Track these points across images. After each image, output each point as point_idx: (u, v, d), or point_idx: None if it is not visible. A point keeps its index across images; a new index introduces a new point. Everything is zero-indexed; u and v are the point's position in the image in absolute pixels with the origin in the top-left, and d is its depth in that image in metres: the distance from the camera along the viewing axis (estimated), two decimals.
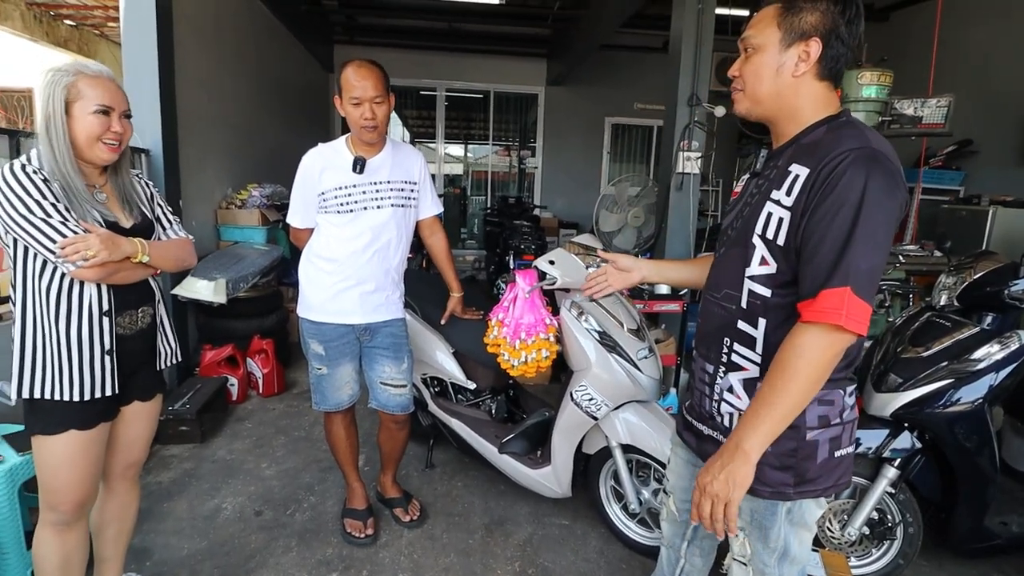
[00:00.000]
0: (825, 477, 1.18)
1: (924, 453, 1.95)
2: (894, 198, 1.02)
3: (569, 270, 2.03)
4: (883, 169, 1.01)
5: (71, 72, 1.40)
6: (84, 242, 1.34)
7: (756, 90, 1.16)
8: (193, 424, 2.94)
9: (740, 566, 1.33)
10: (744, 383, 1.20)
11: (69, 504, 1.49)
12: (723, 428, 1.27)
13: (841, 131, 1.08)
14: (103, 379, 1.46)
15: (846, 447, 1.19)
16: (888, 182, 1.01)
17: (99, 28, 8.70)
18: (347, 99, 1.92)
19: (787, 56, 1.10)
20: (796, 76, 1.11)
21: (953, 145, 4.94)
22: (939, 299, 2.07)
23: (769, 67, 1.12)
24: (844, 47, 1.09)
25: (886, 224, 1.02)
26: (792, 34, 1.09)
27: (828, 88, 1.13)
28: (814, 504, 1.24)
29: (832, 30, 1.07)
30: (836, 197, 1.01)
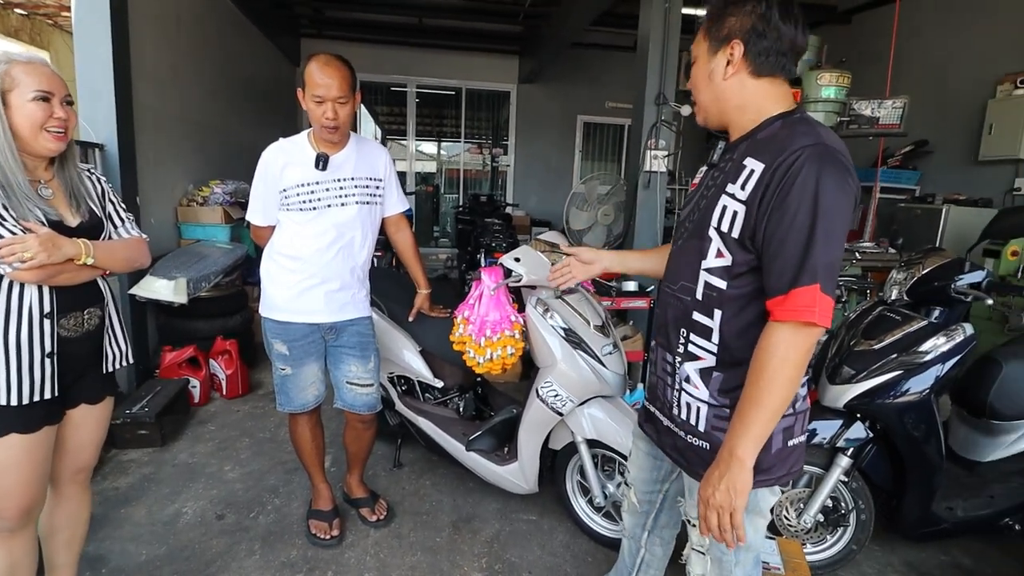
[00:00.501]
0: (779, 466, 1.22)
1: (876, 443, 2.02)
2: (847, 193, 1.06)
3: (535, 267, 2.03)
4: (836, 166, 1.05)
5: (3, 61, 1.35)
6: (21, 243, 1.30)
7: (700, 99, 1.24)
8: (152, 427, 2.86)
9: (698, 555, 1.38)
10: (701, 372, 1.23)
11: (14, 510, 1.44)
12: (680, 422, 1.29)
13: (795, 127, 1.11)
14: (43, 382, 1.42)
15: (799, 436, 1.23)
16: (841, 178, 1.05)
17: (52, 18, 8.36)
18: (310, 95, 1.87)
19: (716, 62, 1.17)
20: (727, 79, 1.16)
21: (910, 145, 5.10)
22: (890, 294, 2.14)
23: (703, 75, 1.20)
24: (769, 42, 1.12)
25: (842, 219, 1.05)
26: (716, 41, 1.16)
27: (773, 84, 1.17)
28: (768, 492, 1.29)
29: (751, 29, 1.12)
30: (794, 195, 1.04)
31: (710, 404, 1.23)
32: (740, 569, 1.34)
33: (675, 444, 1.33)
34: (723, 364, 1.20)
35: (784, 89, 1.18)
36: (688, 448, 1.29)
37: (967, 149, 4.84)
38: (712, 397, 1.22)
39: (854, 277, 2.85)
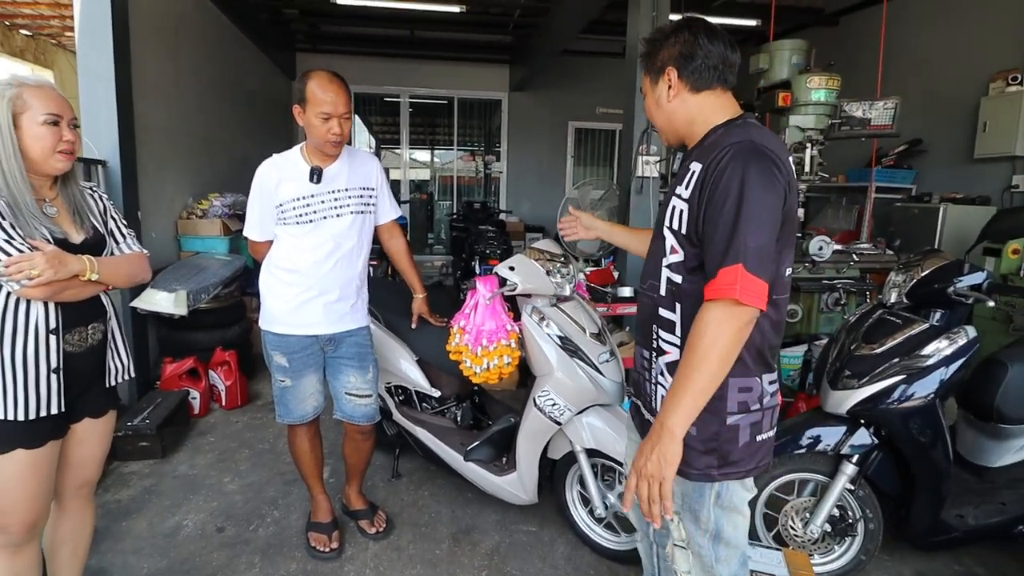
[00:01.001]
0: (747, 460, 1.27)
1: (881, 449, 1.99)
2: (772, 183, 1.13)
3: (529, 276, 2.03)
4: (760, 158, 1.14)
5: (13, 85, 1.38)
6: (29, 261, 1.31)
7: (656, 124, 1.39)
8: (153, 439, 2.86)
9: (681, 551, 1.42)
10: (668, 366, 1.29)
11: (19, 525, 1.44)
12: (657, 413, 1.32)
13: (731, 130, 1.22)
14: (49, 397, 1.43)
15: (767, 431, 1.29)
16: (765, 168, 1.13)
17: (56, 38, 8.44)
18: (314, 112, 1.88)
19: (659, 89, 1.32)
20: (671, 100, 1.30)
21: (904, 145, 5.11)
22: (890, 296, 2.12)
23: (652, 103, 1.36)
24: (698, 61, 1.25)
25: (766, 206, 1.12)
26: (654, 72, 1.32)
27: (713, 95, 1.28)
28: (741, 488, 1.32)
29: (679, 54, 1.26)
30: (722, 187, 1.14)
31: None
32: (724, 567, 1.37)
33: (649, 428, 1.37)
34: None
35: (726, 99, 1.29)
36: None
37: (962, 147, 4.84)
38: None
39: (852, 279, 2.85)
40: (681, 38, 1.26)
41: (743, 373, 1.22)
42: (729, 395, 1.23)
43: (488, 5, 6.28)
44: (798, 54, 2.98)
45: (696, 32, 1.25)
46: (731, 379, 1.21)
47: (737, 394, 1.23)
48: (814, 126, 2.82)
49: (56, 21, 7.45)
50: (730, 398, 1.24)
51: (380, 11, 6.41)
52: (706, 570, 1.38)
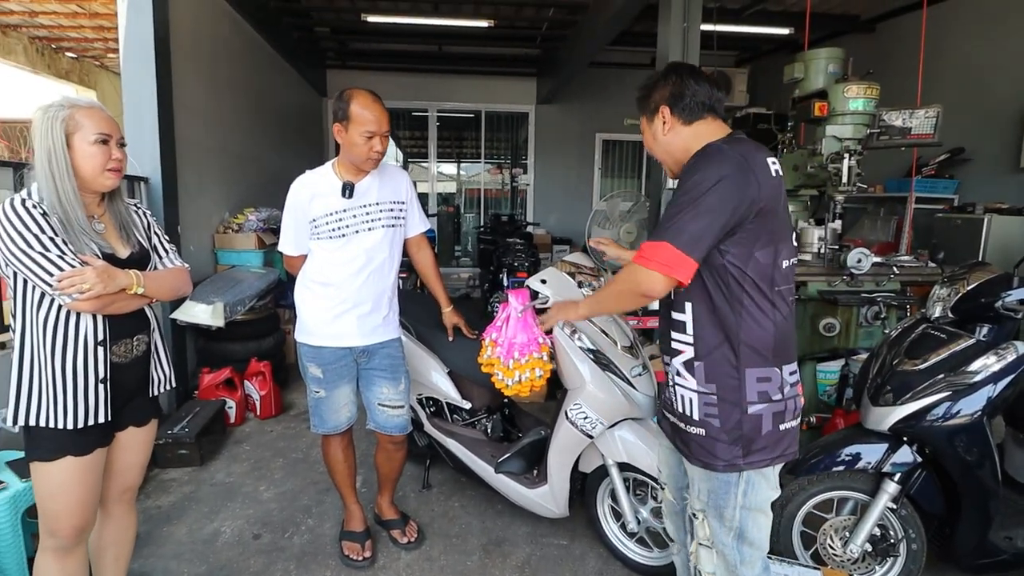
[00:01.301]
0: (772, 447, 1.34)
1: (925, 467, 1.93)
2: (710, 177, 1.25)
3: (561, 289, 2.04)
4: (712, 157, 1.28)
5: (66, 106, 1.43)
6: (80, 275, 1.36)
7: (656, 155, 1.53)
8: (192, 447, 2.94)
9: (706, 549, 1.48)
10: (684, 364, 1.39)
11: (68, 529, 1.50)
12: (679, 414, 1.44)
13: (711, 144, 1.34)
14: (96, 407, 1.48)
15: (791, 421, 1.37)
16: (713, 165, 1.26)
17: (99, 59, 8.83)
18: (359, 131, 1.93)
19: (654, 126, 1.46)
20: (667, 134, 1.44)
21: (945, 154, 4.96)
22: (934, 311, 2.06)
23: (650, 138, 1.50)
24: (687, 99, 1.39)
25: (708, 196, 1.24)
26: (649, 112, 1.47)
27: (705, 124, 1.41)
28: (766, 486, 1.39)
29: (670, 95, 1.41)
30: (682, 181, 1.31)
31: (699, 392, 1.37)
32: (748, 569, 1.42)
33: (679, 436, 1.47)
34: (700, 353, 1.36)
35: (716, 125, 1.42)
36: (688, 437, 1.42)
37: (1007, 156, 4.68)
38: (700, 386, 1.36)
39: (893, 292, 2.77)
40: (670, 80, 1.42)
41: (761, 364, 1.31)
42: (748, 385, 1.31)
43: (516, 19, 6.34)
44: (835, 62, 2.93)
45: (682, 74, 1.42)
46: (748, 369, 1.31)
47: (756, 384, 1.31)
48: (852, 136, 2.76)
49: (99, 43, 7.80)
50: (749, 388, 1.31)
51: (408, 27, 6.53)
52: (730, 571, 1.43)
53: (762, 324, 1.30)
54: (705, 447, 1.37)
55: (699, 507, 1.46)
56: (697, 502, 1.46)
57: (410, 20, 6.13)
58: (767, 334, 1.30)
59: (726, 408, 1.32)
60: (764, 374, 1.31)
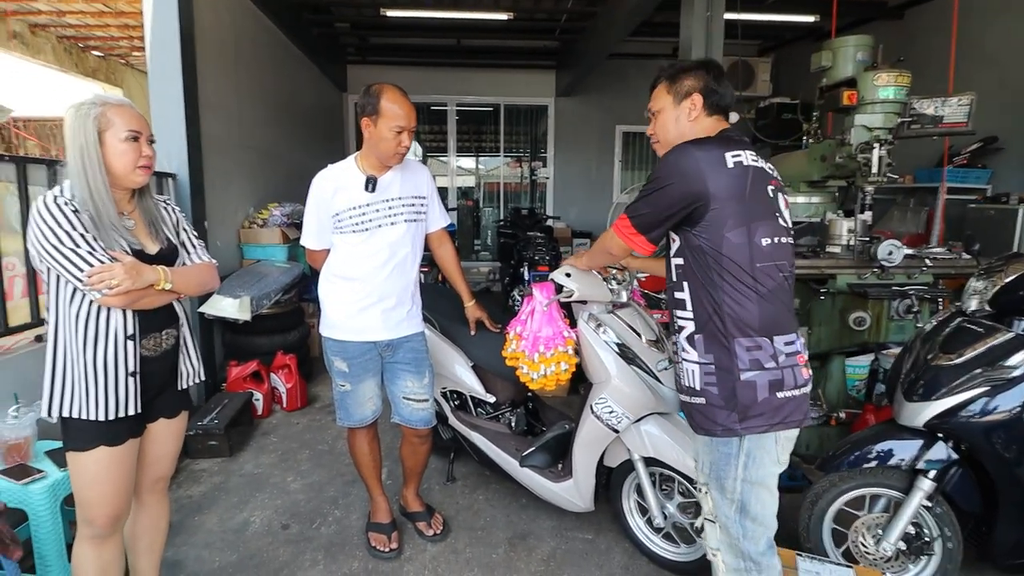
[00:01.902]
0: (770, 414, 1.41)
1: (961, 464, 1.89)
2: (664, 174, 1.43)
3: (586, 283, 2.03)
4: (671, 155, 1.44)
5: (97, 103, 1.45)
6: (109, 271, 1.39)
7: (666, 137, 1.60)
8: (221, 439, 2.99)
9: (710, 524, 1.56)
10: (687, 338, 1.49)
11: (104, 518, 1.53)
12: (686, 388, 1.52)
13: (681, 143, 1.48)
14: (127, 399, 1.51)
15: (791, 389, 1.42)
16: (666, 162, 1.44)
17: (124, 58, 8.99)
18: (388, 126, 1.93)
19: (680, 110, 1.57)
20: (692, 120, 1.56)
21: (977, 143, 4.82)
22: (970, 304, 2.00)
23: (670, 120, 1.59)
24: (719, 95, 1.54)
25: (657, 190, 1.44)
26: (679, 96, 1.56)
27: (715, 121, 1.56)
28: (767, 459, 1.44)
29: (705, 86, 1.53)
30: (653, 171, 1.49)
31: (700, 363, 1.47)
32: (751, 544, 1.47)
33: (687, 409, 1.54)
34: (699, 326, 1.47)
35: (721, 123, 1.56)
36: (692, 408, 1.51)
37: None
38: (701, 357, 1.46)
39: (925, 285, 2.70)
40: (710, 73, 1.55)
41: (748, 334, 1.41)
42: (738, 354, 1.41)
43: (534, 11, 6.30)
44: (863, 50, 2.85)
45: (720, 73, 1.57)
46: (735, 339, 1.41)
47: (746, 353, 1.40)
48: (882, 125, 2.69)
49: (125, 42, 7.94)
50: (740, 357, 1.41)
51: (428, 21, 6.54)
52: (733, 544, 1.49)
53: (744, 298, 1.40)
54: (706, 415, 1.46)
55: (703, 480, 1.55)
56: (701, 475, 1.56)
57: (430, 14, 6.14)
58: (750, 307, 1.40)
59: (722, 376, 1.43)
60: (753, 344, 1.41)
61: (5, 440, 1.93)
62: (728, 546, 1.51)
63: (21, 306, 2.36)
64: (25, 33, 7.23)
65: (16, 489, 1.83)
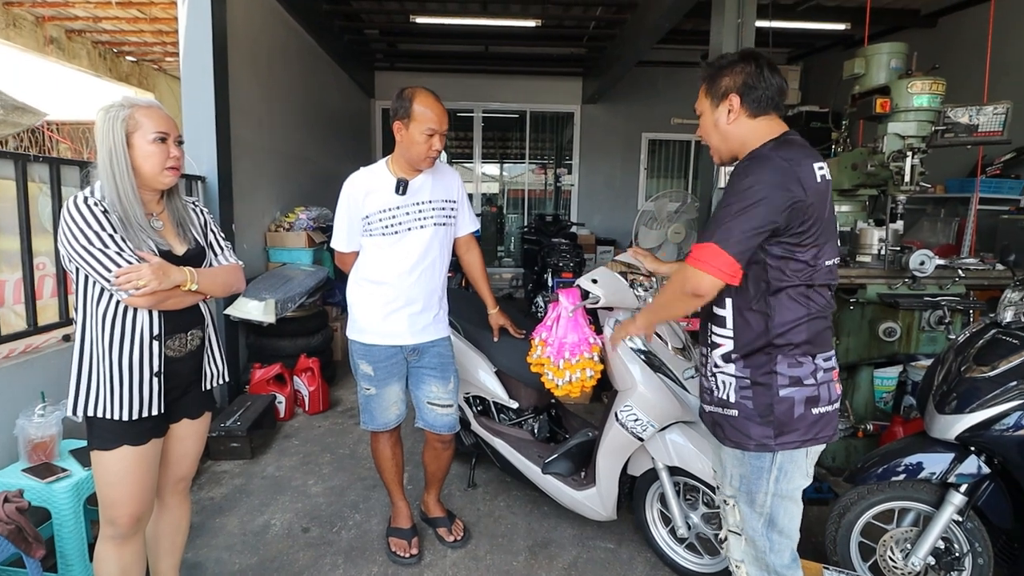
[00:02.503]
0: (804, 430, 1.39)
1: (993, 479, 1.84)
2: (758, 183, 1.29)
3: (612, 289, 2.02)
4: (758, 164, 1.33)
5: (126, 106, 1.47)
6: (137, 272, 1.41)
7: (710, 142, 1.52)
8: (243, 441, 3.03)
9: (735, 537, 1.53)
10: (723, 356, 1.45)
11: (126, 517, 1.54)
12: (718, 400, 1.48)
13: (764, 146, 1.37)
14: (151, 399, 1.52)
15: (825, 405, 1.41)
16: (757, 171, 1.31)
17: (157, 63, 9.23)
18: (419, 129, 1.95)
19: (719, 113, 1.46)
20: (730, 123, 1.44)
21: (1011, 152, 4.71)
22: (1005, 315, 1.96)
23: (710, 124, 1.49)
24: (759, 91, 1.40)
25: (754, 202, 1.29)
26: (716, 97, 1.45)
27: (767, 120, 1.43)
28: (797, 472, 1.42)
29: (743, 83, 1.40)
30: (730, 185, 1.35)
31: (736, 376, 1.43)
32: (776, 557, 1.45)
33: (713, 420, 1.52)
34: (739, 345, 1.42)
35: (776, 122, 1.43)
36: (723, 419, 1.48)
37: None
38: (738, 371, 1.43)
39: (957, 296, 2.64)
40: (747, 69, 1.40)
41: (794, 353, 1.37)
42: (780, 371, 1.37)
43: (563, 18, 6.32)
44: (897, 57, 2.80)
45: (760, 64, 1.40)
46: (780, 357, 1.37)
47: (788, 370, 1.37)
48: (916, 133, 2.64)
49: (158, 48, 8.15)
50: (780, 373, 1.37)
51: (456, 28, 6.60)
52: (759, 558, 1.47)
53: (796, 318, 1.36)
54: (738, 427, 1.43)
55: (730, 493, 1.51)
56: (728, 487, 1.51)
57: (458, 21, 6.19)
58: (800, 327, 1.37)
59: (759, 390, 1.39)
60: (797, 362, 1.37)
61: (31, 438, 1.95)
62: (753, 559, 1.49)
63: (50, 305, 2.41)
64: (62, 38, 7.46)
65: (40, 487, 1.85)
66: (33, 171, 2.29)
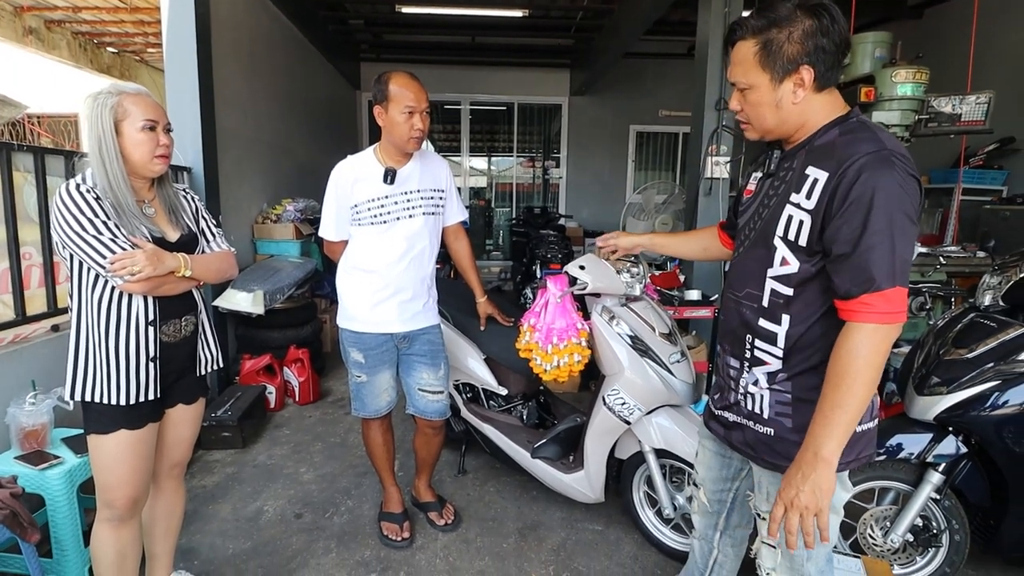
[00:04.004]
0: (847, 451, 1.19)
1: (970, 458, 1.90)
2: (911, 195, 1.07)
3: (600, 275, 2.04)
4: (899, 170, 1.07)
5: (114, 93, 1.47)
6: (131, 258, 1.42)
7: (762, 124, 1.22)
8: (234, 430, 3.03)
9: (769, 549, 1.38)
10: (768, 376, 1.27)
11: (123, 500, 1.56)
12: (747, 412, 1.33)
13: (855, 135, 1.12)
14: (147, 384, 1.54)
15: (867, 423, 1.24)
16: (904, 181, 1.06)
17: (139, 54, 9.10)
18: (398, 109, 1.95)
19: (783, 90, 1.15)
20: (796, 103, 1.15)
21: (994, 143, 4.79)
22: (983, 299, 2.01)
23: (768, 105, 1.18)
24: (832, 56, 1.12)
25: (909, 220, 1.07)
26: (780, 71, 1.13)
27: (830, 94, 1.17)
28: (839, 487, 1.26)
29: (816, 49, 1.10)
30: (863, 201, 1.06)
31: (772, 390, 1.27)
32: (813, 565, 1.34)
33: (744, 438, 1.36)
34: (790, 367, 1.24)
35: (836, 95, 1.18)
36: (756, 438, 1.32)
37: None
38: (777, 384, 1.26)
39: (939, 283, 2.70)
40: (822, 25, 1.09)
41: None
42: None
43: (550, 8, 6.31)
44: (882, 47, 2.85)
45: (834, 16, 1.09)
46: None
47: None
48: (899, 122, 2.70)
49: (140, 38, 8.04)
50: None
51: (443, 18, 6.56)
52: (795, 569, 1.37)
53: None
54: (775, 448, 1.27)
55: (766, 509, 1.36)
56: (764, 504, 1.37)
57: (445, 10, 6.15)
58: None
59: (801, 408, 1.22)
60: None
61: (23, 426, 1.95)
62: (788, 569, 1.37)
63: (38, 295, 2.39)
64: (41, 29, 7.33)
65: (34, 475, 1.86)
66: (18, 160, 2.27)
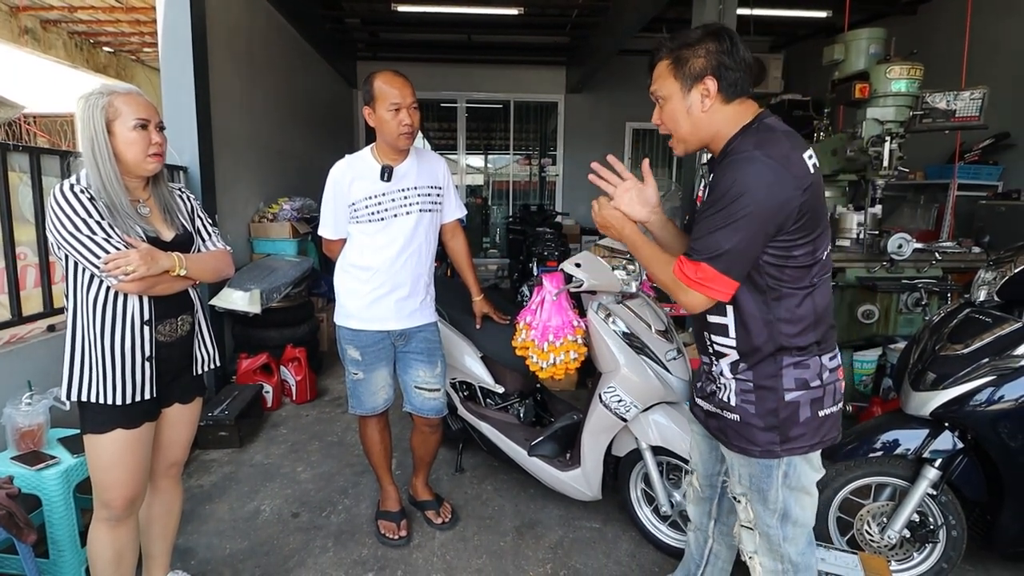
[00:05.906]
0: (810, 435, 1.32)
1: (967, 453, 1.90)
2: (748, 188, 1.17)
3: (596, 273, 2.04)
4: (746, 165, 1.18)
5: (105, 93, 1.47)
6: (125, 258, 1.42)
7: (678, 131, 1.35)
8: (231, 430, 3.03)
9: (747, 531, 1.47)
10: (731, 366, 1.38)
11: (120, 499, 1.56)
12: (720, 402, 1.42)
13: (744, 140, 1.25)
14: (143, 384, 1.54)
15: (830, 407, 1.34)
16: (744, 174, 1.18)
17: (135, 54, 9.08)
18: (384, 107, 1.96)
19: (692, 98, 1.29)
20: (705, 111, 1.28)
21: (989, 139, 4.80)
22: (978, 295, 2.01)
23: (681, 111, 1.31)
24: (735, 71, 1.25)
25: (749, 212, 1.17)
26: (688, 80, 1.28)
27: (739, 104, 1.29)
28: (808, 468, 1.37)
29: (719, 65, 1.25)
30: (717, 190, 1.22)
31: (736, 379, 1.37)
32: (791, 546, 1.41)
33: (718, 424, 1.46)
34: (744, 354, 1.34)
35: (747, 104, 1.30)
36: (726, 424, 1.41)
37: None
38: (740, 374, 1.36)
39: (934, 279, 2.71)
40: (721, 45, 1.24)
41: (800, 355, 1.29)
42: (784, 373, 1.30)
43: (546, 6, 6.30)
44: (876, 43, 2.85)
45: (734, 41, 1.25)
46: (786, 358, 1.29)
47: (794, 371, 1.30)
48: (894, 118, 2.69)
49: (136, 38, 8.02)
50: (786, 376, 1.30)
51: (438, 17, 6.55)
52: (773, 549, 1.43)
53: (800, 317, 1.28)
54: (741, 433, 1.36)
55: (740, 491, 1.45)
56: (738, 486, 1.45)
57: (441, 9, 6.14)
58: (805, 326, 1.29)
59: (763, 395, 1.32)
60: (803, 363, 1.30)
61: (19, 426, 1.95)
62: (767, 551, 1.44)
63: (34, 296, 2.39)
64: (37, 29, 7.31)
65: (30, 475, 1.85)
66: (13, 160, 2.27)
